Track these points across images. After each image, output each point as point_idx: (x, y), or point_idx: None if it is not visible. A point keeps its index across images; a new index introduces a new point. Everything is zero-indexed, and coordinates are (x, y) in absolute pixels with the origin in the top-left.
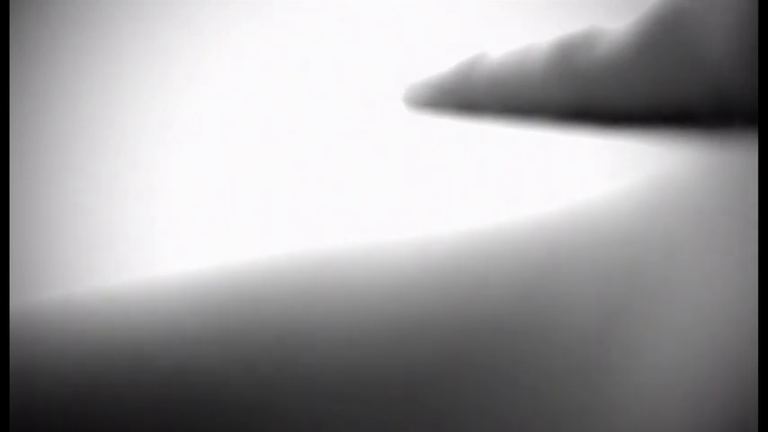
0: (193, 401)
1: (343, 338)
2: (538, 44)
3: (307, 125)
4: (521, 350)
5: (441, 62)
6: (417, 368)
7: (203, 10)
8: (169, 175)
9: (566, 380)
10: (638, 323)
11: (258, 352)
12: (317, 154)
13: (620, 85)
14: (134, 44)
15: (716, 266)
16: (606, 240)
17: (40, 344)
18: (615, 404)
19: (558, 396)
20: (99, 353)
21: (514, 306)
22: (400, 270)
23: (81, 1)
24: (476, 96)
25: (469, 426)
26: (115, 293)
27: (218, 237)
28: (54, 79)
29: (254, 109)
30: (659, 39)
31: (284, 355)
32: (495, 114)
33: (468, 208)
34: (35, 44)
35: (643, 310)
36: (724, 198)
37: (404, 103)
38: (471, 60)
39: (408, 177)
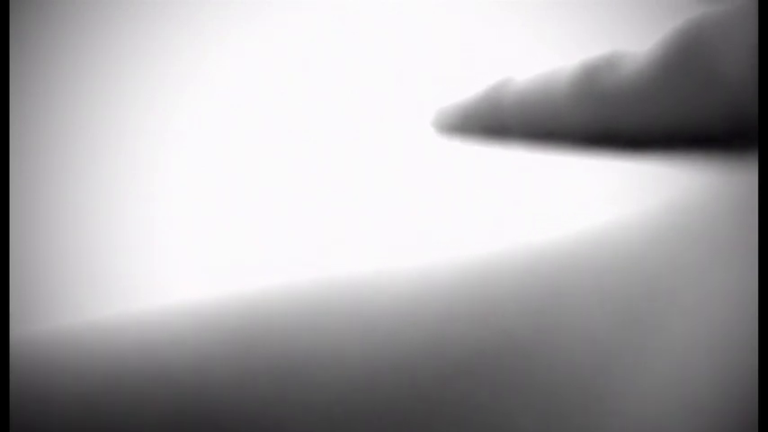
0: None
1: (354, 360)
2: (562, 68)
3: (324, 145)
4: (530, 373)
5: (468, 87)
6: (428, 392)
7: (203, 10)
8: (173, 182)
9: (574, 400)
10: (647, 344)
11: (267, 376)
12: (331, 174)
13: (642, 108)
14: (134, 44)
15: (729, 289)
16: (620, 263)
17: (43, 377)
18: (623, 426)
19: (567, 417)
20: (106, 383)
21: (524, 329)
22: (414, 294)
23: (81, 1)
24: (502, 120)
25: None
26: (121, 320)
27: (230, 259)
28: (54, 79)
29: (262, 121)
30: (680, 60)
31: (293, 379)
32: (521, 138)
33: (484, 231)
34: (35, 44)
35: (652, 332)
36: (742, 220)
37: (433, 127)
38: (498, 85)
39: (424, 200)
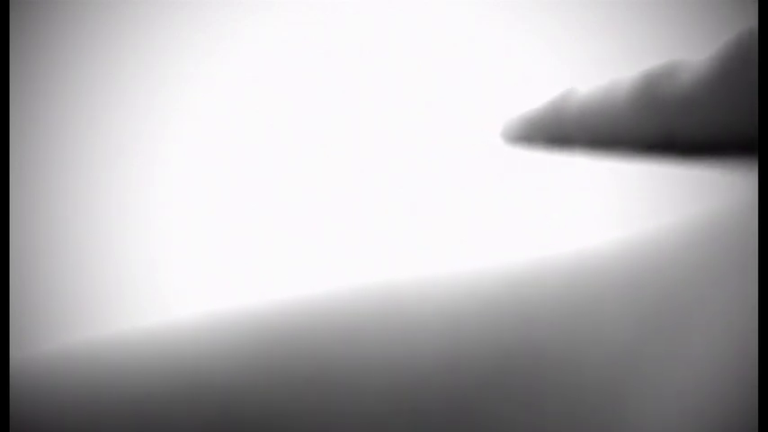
0: None
1: (388, 369)
2: (622, 78)
3: (387, 153)
4: (559, 379)
5: (534, 99)
6: (461, 399)
7: (203, 10)
8: (196, 188)
9: (600, 407)
10: (674, 352)
11: (309, 384)
12: (387, 181)
13: (700, 115)
14: (134, 44)
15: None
16: (654, 273)
17: (46, 398)
18: None
19: (592, 422)
20: (121, 402)
21: (555, 338)
22: (453, 301)
23: (81, 1)
24: (566, 130)
25: None
26: (149, 333)
27: (267, 268)
28: (54, 79)
29: (313, 127)
30: (735, 69)
31: (334, 387)
32: (584, 147)
33: (530, 238)
34: (35, 44)
35: (679, 342)
36: None
37: (501, 137)
38: (561, 96)
39: (469, 210)
